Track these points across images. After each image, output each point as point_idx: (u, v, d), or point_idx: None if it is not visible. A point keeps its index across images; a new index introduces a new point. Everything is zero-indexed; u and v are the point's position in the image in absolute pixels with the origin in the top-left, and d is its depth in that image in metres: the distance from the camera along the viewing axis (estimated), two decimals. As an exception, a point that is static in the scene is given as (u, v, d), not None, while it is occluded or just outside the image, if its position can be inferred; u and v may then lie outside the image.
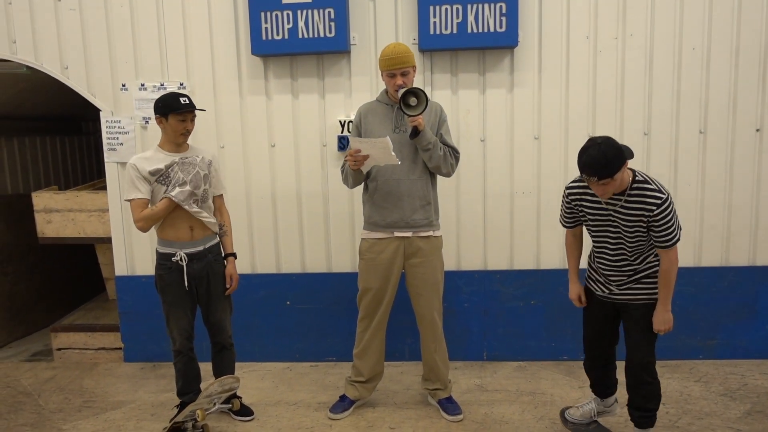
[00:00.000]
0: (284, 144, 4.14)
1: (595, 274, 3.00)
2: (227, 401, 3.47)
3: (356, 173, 3.24)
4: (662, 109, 3.95)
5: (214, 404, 3.31)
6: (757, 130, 3.93)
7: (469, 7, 3.76)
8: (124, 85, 4.15)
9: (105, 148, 4.19)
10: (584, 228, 3.01)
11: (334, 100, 4.07)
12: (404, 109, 3.05)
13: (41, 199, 4.39)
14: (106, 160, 4.21)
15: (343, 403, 3.53)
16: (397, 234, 3.29)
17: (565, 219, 3.03)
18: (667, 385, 3.76)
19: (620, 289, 2.88)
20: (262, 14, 3.86)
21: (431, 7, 3.77)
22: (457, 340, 4.14)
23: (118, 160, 4.20)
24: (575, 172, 4.00)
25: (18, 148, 5.29)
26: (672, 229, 2.67)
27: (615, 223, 2.78)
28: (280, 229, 4.23)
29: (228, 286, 3.37)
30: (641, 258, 2.82)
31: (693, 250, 4.04)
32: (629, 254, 2.81)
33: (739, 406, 3.50)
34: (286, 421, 3.48)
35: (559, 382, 3.88)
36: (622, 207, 2.71)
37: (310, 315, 4.26)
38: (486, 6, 3.75)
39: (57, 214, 4.38)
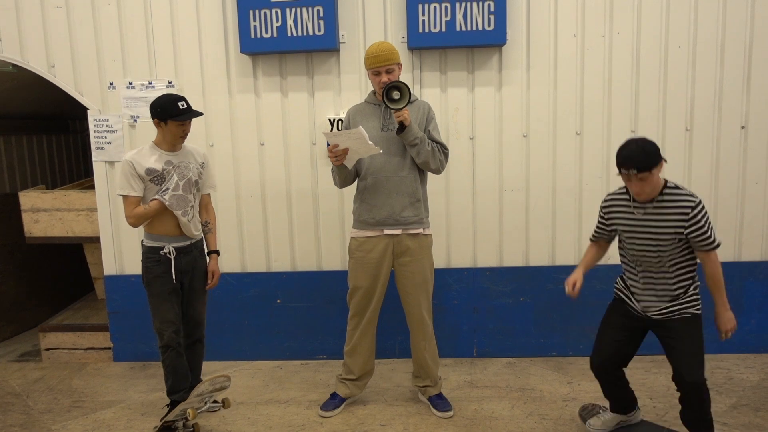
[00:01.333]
0: (273, 142, 4.14)
1: (627, 290, 2.96)
2: (216, 400, 3.48)
3: (341, 170, 3.25)
4: (649, 107, 3.98)
5: (205, 403, 3.31)
6: (742, 128, 3.97)
7: (457, 5, 3.77)
8: (111, 84, 4.12)
9: (93, 146, 4.17)
10: (616, 245, 3.00)
11: (324, 98, 4.08)
12: (388, 104, 3.06)
13: (28, 199, 4.36)
14: (93, 159, 4.19)
15: (334, 401, 3.54)
16: (386, 232, 3.30)
17: (595, 232, 3.03)
18: (654, 380, 3.80)
19: (657, 304, 2.83)
20: (251, 12, 3.85)
21: (420, 6, 3.78)
22: (447, 337, 4.16)
23: (106, 159, 4.18)
24: (564, 170, 4.06)
25: (4, 147, 5.25)
26: (710, 230, 2.69)
27: (650, 234, 2.75)
28: (270, 228, 4.22)
29: (209, 281, 3.44)
30: (675, 275, 2.79)
31: (680, 246, 4.09)
32: (663, 269, 2.79)
33: (725, 399, 3.55)
34: (277, 419, 3.49)
35: (548, 378, 3.91)
36: (655, 212, 2.72)
37: (300, 313, 4.26)
38: (474, 4, 3.77)
39: (44, 213, 4.35)
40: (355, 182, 3.42)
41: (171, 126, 3.16)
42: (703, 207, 2.69)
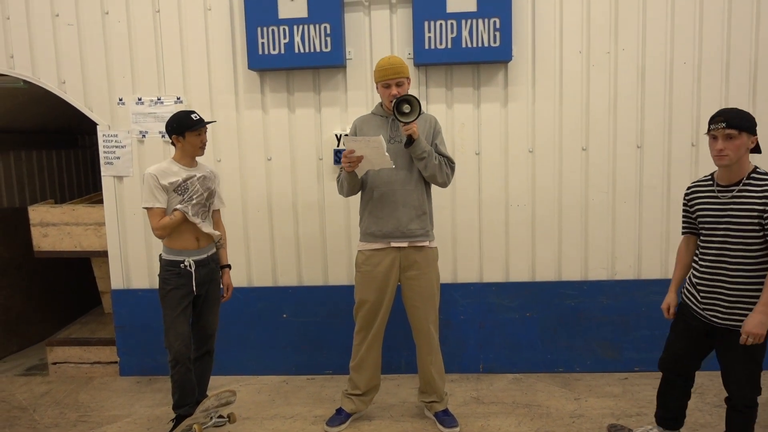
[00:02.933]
0: (280, 158, 4.17)
1: (693, 289, 2.84)
2: (222, 415, 3.48)
3: (351, 177, 3.26)
4: (655, 123, 3.99)
5: (211, 418, 3.32)
6: (748, 143, 3.98)
7: (463, 22, 3.81)
8: (121, 99, 4.17)
9: (102, 161, 4.21)
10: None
11: (330, 114, 4.11)
12: (398, 117, 3.08)
13: (38, 213, 4.40)
14: (102, 173, 4.22)
15: (340, 416, 3.52)
16: (393, 244, 3.31)
17: (683, 224, 2.96)
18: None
19: (722, 308, 2.70)
20: (259, 29, 3.90)
21: (426, 23, 3.82)
22: (453, 353, 4.15)
23: (114, 173, 4.22)
24: (569, 185, 4.07)
25: (14, 162, 5.30)
26: None
27: (733, 221, 2.62)
28: (276, 243, 4.24)
29: (225, 295, 3.54)
30: (751, 273, 2.62)
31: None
32: (740, 263, 2.63)
33: (734, 417, 3.52)
34: (283, 435, 3.48)
35: (555, 394, 3.89)
36: (740, 195, 2.61)
37: (306, 328, 4.26)
38: (480, 21, 3.80)
39: (53, 227, 4.38)
40: (359, 194, 3.44)
41: (189, 138, 3.26)
42: None
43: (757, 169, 2.65)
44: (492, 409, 3.72)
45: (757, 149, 2.67)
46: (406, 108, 3.09)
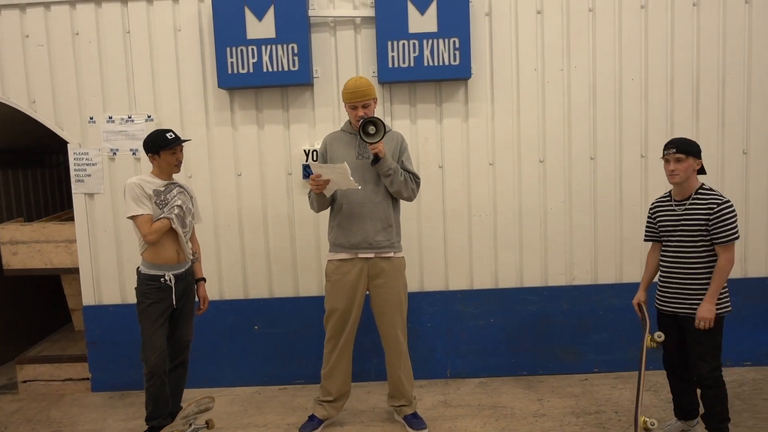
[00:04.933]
0: (250, 173, 4.28)
1: (661, 290, 3.29)
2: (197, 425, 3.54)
3: (320, 197, 3.41)
4: (606, 135, 4.23)
5: (190, 425, 3.38)
6: (693, 154, 4.23)
7: (425, 42, 4.00)
8: (92, 118, 4.24)
9: (73, 179, 4.26)
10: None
11: (299, 130, 4.25)
12: (364, 137, 3.25)
13: (7, 231, 4.42)
14: (73, 191, 4.27)
15: (312, 423, 3.62)
16: (360, 255, 3.45)
17: (646, 232, 3.43)
18: (620, 395, 3.97)
19: (681, 300, 3.17)
20: (228, 49, 4.03)
21: (389, 42, 4.00)
22: (421, 359, 4.28)
23: (85, 191, 4.27)
24: (528, 195, 4.27)
25: (-19, 182, 5.28)
26: (731, 227, 3.04)
27: (685, 228, 3.13)
28: (247, 256, 4.34)
29: (201, 307, 3.64)
30: (701, 268, 3.12)
31: (640, 265, 4.25)
32: (693, 262, 3.13)
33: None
34: (257, 443, 3.56)
35: (519, 396, 4.05)
36: (691, 207, 3.12)
37: (278, 339, 4.35)
38: (441, 41, 4.00)
39: (23, 245, 4.40)
40: (329, 207, 3.57)
41: (164, 156, 3.36)
42: (732, 208, 3.06)
43: (703, 186, 3.18)
44: (459, 411, 3.86)
45: (702, 171, 3.20)
46: (372, 129, 3.26)
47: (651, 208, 3.39)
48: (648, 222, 3.41)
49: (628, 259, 4.29)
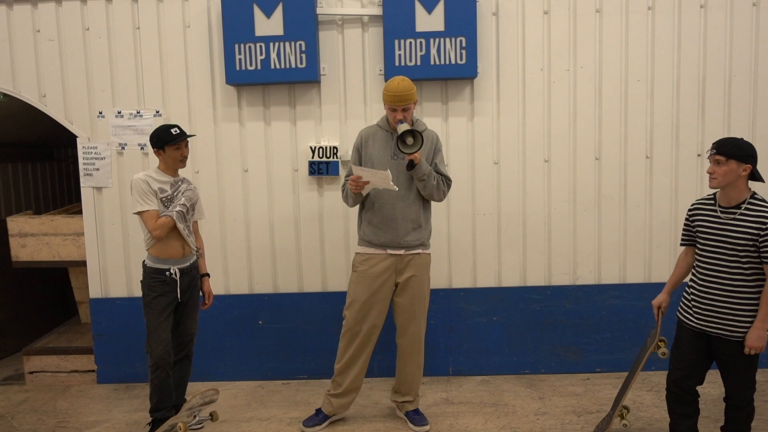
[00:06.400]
0: (257, 169, 4.32)
1: (689, 302, 2.99)
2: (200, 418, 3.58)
3: (357, 195, 3.46)
4: (611, 136, 4.24)
5: (195, 417, 3.42)
6: (698, 155, 4.24)
7: (431, 41, 4.03)
8: (101, 113, 4.29)
9: (81, 173, 4.31)
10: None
11: (305, 127, 4.28)
12: (401, 147, 3.24)
13: (16, 224, 4.47)
14: (82, 185, 4.32)
15: (317, 417, 3.65)
16: (390, 252, 3.49)
17: (683, 236, 3.10)
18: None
19: (717, 320, 2.85)
20: (236, 46, 4.06)
21: (396, 41, 4.03)
22: (424, 357, 4.29)
23: (94, 185, 4.32)
24: (533, 194, 4.28)
25: (-9, 174, 5.35)
26: None
27: (726, 239, 2.80)
28: (252, 251, 4.37)
29: (206, 302, 3.67)
30: (743, 287, 2.80)
31: (643, 266, 4.30)
32: (734, 279, 2.80)
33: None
34: (259, 436, 3.60)
35: (521, 394, 4.07)
36: (736, 219, 2.78)
37: (281, 334, 4.39)
38: (447, 40, 4.02)
39: (32, 238, 4.46)
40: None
41: (169, 151, 3.39)
42: None
43: (755, 195, 2.82)
44: (460, 408, 3.88)
45: (754, 177, 2.81)
46: (410, 140, 3.27)
47: (690, 210, 3.01)
48: (685, 224, 3.06)
49: (632, 259, 4.30)
